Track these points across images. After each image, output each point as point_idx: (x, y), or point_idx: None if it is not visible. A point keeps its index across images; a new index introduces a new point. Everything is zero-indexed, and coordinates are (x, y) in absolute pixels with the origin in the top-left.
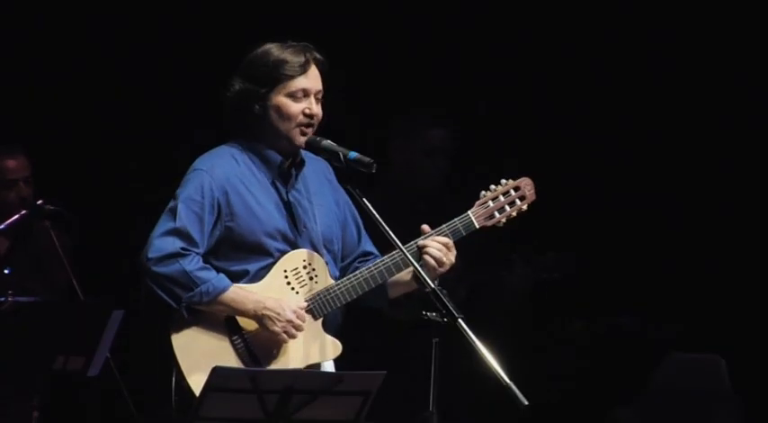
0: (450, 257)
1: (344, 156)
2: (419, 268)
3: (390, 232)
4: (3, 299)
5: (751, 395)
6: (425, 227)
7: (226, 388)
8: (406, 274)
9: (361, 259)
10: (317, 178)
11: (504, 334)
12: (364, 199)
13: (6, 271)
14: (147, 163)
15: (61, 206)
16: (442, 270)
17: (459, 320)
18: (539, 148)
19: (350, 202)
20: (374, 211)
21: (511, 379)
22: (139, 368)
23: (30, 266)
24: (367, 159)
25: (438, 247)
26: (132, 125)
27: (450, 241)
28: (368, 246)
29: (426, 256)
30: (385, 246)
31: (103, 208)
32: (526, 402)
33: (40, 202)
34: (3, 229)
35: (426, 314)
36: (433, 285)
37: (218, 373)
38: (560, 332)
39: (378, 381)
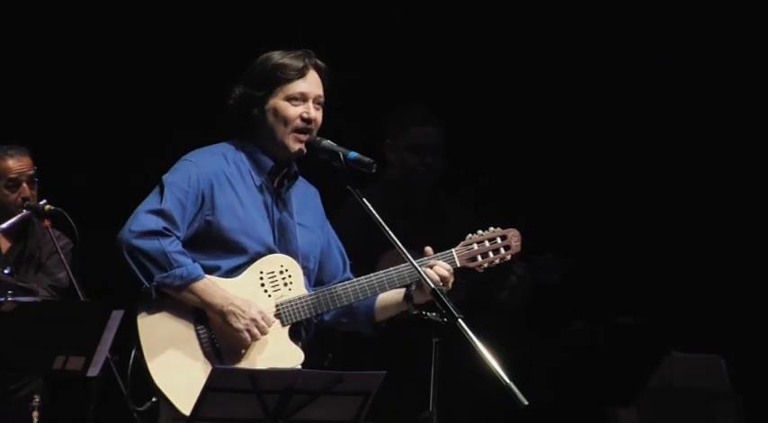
0: (448, 285)
1: (344, 156)
2: (418, 267)
3: (390, 233)
4: (3, 299)
5: (751, 395)
6: (429, 249)
7: (225, 388)
8: (396, 296)
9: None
10: (305, 200)
11: (503, 334)
12: (364, 199)
13: (6, 271)
14: (147, 163)
15: (61, 206)
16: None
17: (459, 320)
18: (537, 148)
19: (335, 234)
20: (374, 212)
21: (511, 379)
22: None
23: (30, 266)
24: (367, 159)
25: (443, 273)
26: (133, 126)
27: (449, 276)
28: (350, 274)
29: (430, 271)
30: (382, 247)
31: (103, 208)
32: (526, 402)
33: (42, 202)
34: (4, 229)
35: (426, 314)
36: (432, 285)
37: (218, 373)
38: (560, 332)
39: (378, 381)
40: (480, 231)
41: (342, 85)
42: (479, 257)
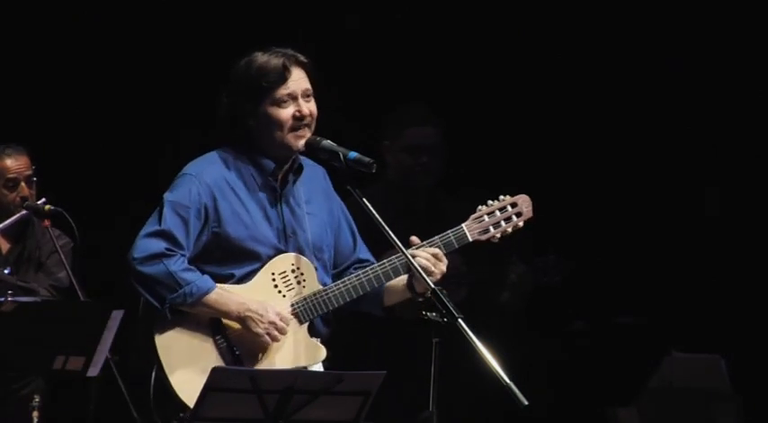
0: (440, 267)
1: (344, 156)
2: (417, 267)
3: (390, 233)
4: (3, 299)
5: (751, 395)
6: (414, 238)
7: (226, 388)
8: (400, 283)
9: (357, 266)
10: (312, 185)
11: (504, 334)
12: (364, 199)
13: (6, 271)
14: (147, 163)
15: (61, 206)
16: (431, 280)
17: (459, 320)
18: (537, 149)
19: (345, 209)
20: (374, 212)
21: (511, 379)
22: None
23: (30, 266)
24: (367, 159)
25: (426, 256)
26: (134, 125)
27: (439, 252)
28: (363, 253)
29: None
30: (383, 247)
31: (103, 208)
32: (526, 402)
33: (41, 201)
34: (1, 229)
35: (426, 314)
36: (432, 285)
37: (218, 373)
38: (560, 332)
39: (378, 381)
40: (490, 201)
41: (342, 85)
42: (491, 228)
